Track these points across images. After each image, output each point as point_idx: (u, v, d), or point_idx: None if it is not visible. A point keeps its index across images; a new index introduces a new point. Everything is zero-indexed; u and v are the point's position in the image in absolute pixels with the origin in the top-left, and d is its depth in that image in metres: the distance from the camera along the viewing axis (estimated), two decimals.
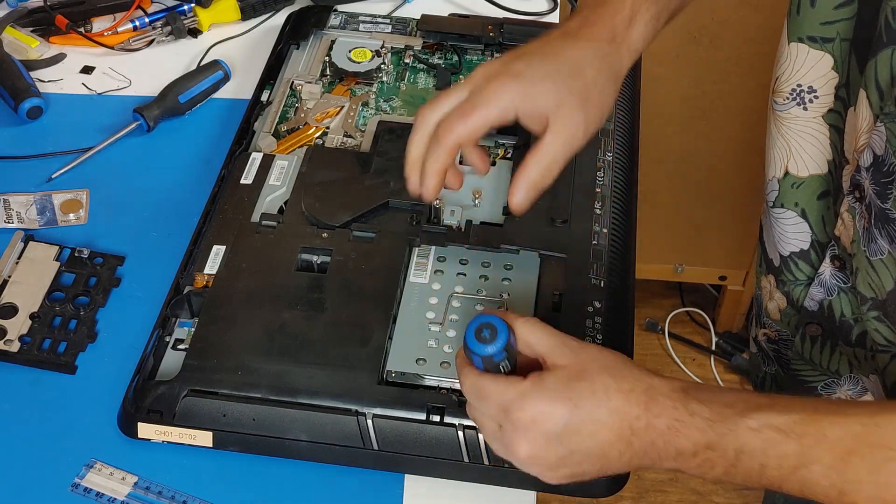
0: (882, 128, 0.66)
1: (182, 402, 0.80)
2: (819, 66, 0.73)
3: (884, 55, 0.65)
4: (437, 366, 0.82)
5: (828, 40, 0.71)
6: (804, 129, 0.76)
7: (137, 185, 1.04)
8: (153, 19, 1.24)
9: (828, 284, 0.80)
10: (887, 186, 0.67)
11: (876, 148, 0.67)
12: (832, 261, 0.79)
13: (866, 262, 0.73)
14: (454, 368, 0.81)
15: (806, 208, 0.80)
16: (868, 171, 0.69)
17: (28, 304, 0.91)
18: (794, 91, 0.75)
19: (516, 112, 0.72)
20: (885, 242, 0.70)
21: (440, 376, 0.82)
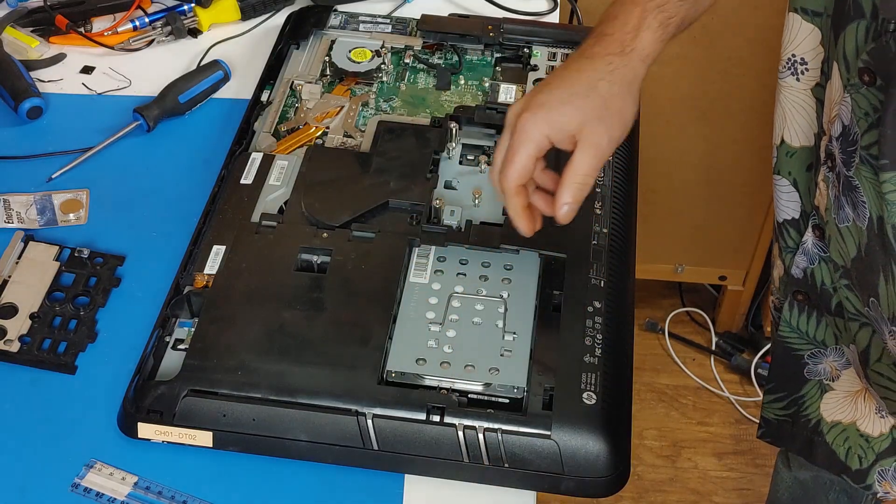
0: (848, 98, 0.69)
1: (182, 402, 0.80)
2: (809, 39, 0.76)
3: (850, 28, 0.68)
4: (437, 366, 0.82)
5: (817, 14, 0.74)
6: (797, 100, 0.80)
7: (137, 185, 1.04)
8: (153, 19, 1.24)
9: (810, 253, 0.83)
10: (851, 155, 0.71)
11: (844, 118, 0.71)
12: (813, 230, 0.82)
13: (836, 230, 0.77)
14: (454, 368, 0.81)
15: (797, 178, 0.83)
16: (838, 141, 0.73)
17: (28, 304, 0.91)
18: (790, 60, 0.78)
19: (549, 139, 0.78)
20: (850, 210, 0.73)
21: (440, 376, 0.82)
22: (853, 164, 0.71)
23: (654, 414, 1.92)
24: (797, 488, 1.19)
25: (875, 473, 0.88)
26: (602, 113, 0.78)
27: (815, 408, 0.90)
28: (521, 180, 0.80)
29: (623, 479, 0.80)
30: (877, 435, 0.87)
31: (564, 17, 1.36)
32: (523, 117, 0.78)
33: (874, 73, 0.66)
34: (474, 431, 0.79)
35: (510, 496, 0.80)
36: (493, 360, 0.83)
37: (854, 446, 0.89)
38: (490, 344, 0.84)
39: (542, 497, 0.81)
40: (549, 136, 0.78)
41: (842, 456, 0.90)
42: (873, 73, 0.67)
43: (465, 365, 0.82)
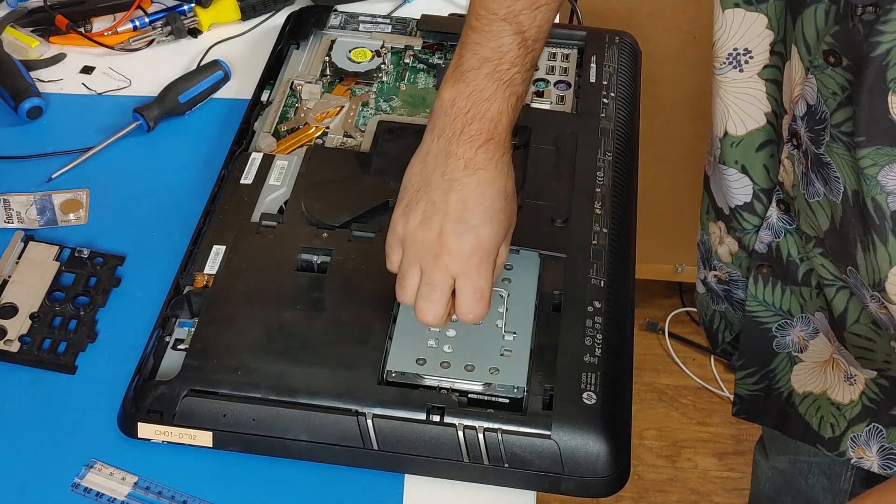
0: (813, 79, 0.71)
1: (182, 402, 0.80)
2: (754, 27, 0.76)
3: (808, 12, 0.69)
4: (437, 366, 0.82)
5: (762, 1, 0.75)
6: (740, 90, 0.81)
7: (137, 185, 1.04)
8: (153, 19, 1.24)
9: (775, 227, 0.84)
10: (820, 133, 0.72)
11: (809, 98, 0.72)
12: (778, 204, 0.83)
13: (805, 204, 0.78)
14: (454, 368, 0.81)
15: (745, 164, 0.84)
16: (803, 120, 0.74)
17: (28, 304, 0.91)
18: (731, 55, 0.79)
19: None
20: (821, 185, 0.75)
21: (440, 376, 0.82)
22: (823, 142, 0.73)
23: (654, 414, 1.92)
24: (777, 477, 1.20)
25: (847, 440, 0.88)
26: (510, 214, 0.82)
27: (787, 380, 0.91)
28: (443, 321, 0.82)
29: (623, 479, 0.80)
30: (847, 402, 0.88)
31: (564, 17, 1.36)
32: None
33: (840, 54, 0.67)
34: (474, 431, 0.79)
35: (510, 496, 0.80)
36: (494, 360, 0.83)
37: (826, 415, 0.89)
38: (490, 344, 0.84)
39: (542, 497, 0.81)
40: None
41: (815, 426, 0.90)
42: (839, 55, 0.68)
43: (465, 365, 0.82)
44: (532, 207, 0.94)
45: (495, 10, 0.81)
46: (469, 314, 0.79)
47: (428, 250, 0.79)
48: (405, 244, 0.80)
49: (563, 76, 1.12)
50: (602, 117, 1.05)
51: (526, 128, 1.03)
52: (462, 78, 0.81)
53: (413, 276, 0.79)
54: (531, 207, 0.94)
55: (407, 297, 0.80)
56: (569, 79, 1.12)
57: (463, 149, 0.80)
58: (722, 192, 0.90)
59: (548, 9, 0.82)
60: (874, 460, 0.88)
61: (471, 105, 0.80)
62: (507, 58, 0.81)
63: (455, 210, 0.79)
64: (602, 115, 1.05)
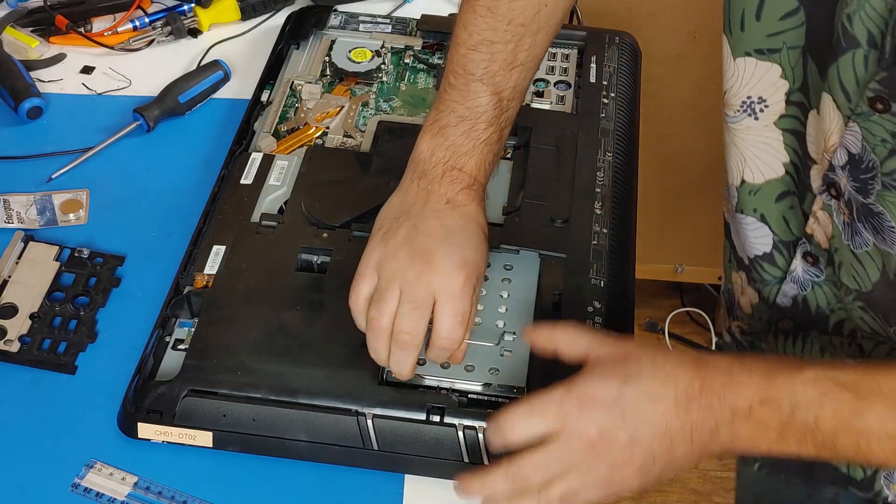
0: (856, 127, 0.68)
1: (182, 403, 0.80)
2: (768, 77, 0.74)
3: (844, 59, 0.67)
4: (437, 366, 0.82)
5: (774, 51, 0.73)
6: (757, 139, 0.78)
7: (137, 185, 1.04)
8: (153, 19, 1.24)
9: (801, 280, 0.82)
10: (868, 182, 0.69)
11: (851, 147, 0.69)
12: (804, 257, 0.80)
13: (850, 256, 0.74)
14: (454, 368, 0.81)
15: (764, 213, 0.82)
16: (844, 170, 0.71)
17: (28, 304, 0.91)
18: (745, 103, 0.77)
19: None
20: (870, 235, 0.72)
21: (440, 377, 0.82)
22: (873, 192, 0.70)
23: None
24: (758, 485, 1.17)
25: (881, 478, 0.86)
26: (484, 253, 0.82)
27: None
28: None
29: None
30: None
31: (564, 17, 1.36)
32: (472, 273, 0.78)
33: (888, 100, 0.65)
34: (474, 431, 0.79)
35: None
36: (494, 360, 0.83)
37: None
38: (490, 344, 0.84)
39: None
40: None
41: (843, 469, 0.88)
42: (887, 101, 0.65)
43: (465, 365, 0.82)
44: (532, 208, 0.94)
45: (472, 69, 0.82)
46: (447, 339, 0.77)
47: (410, 267, 0.77)
48: (382, 266, 0.78)
49: (563, 76, 1.12)
50: (602, 117, 1.05)
51: (526, 128, 1.03)
52: (440, 132, 0.83)
53: (392, 297, 0.77)
54: (531, 208, 0.94)
55: (384, 320, 0.77)
56: (569, 79, 1.12)
57: (444, 188, 0.81)
58: (741, 242, 0.87)
59: (523, 69, 0.83)
60: None
61: (450, 156, 0.82)
62: (483, 118, 0.82)
63: (439, 233, 0.78)
64: (602, 115, 1.05)
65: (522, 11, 0.81)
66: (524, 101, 1.08)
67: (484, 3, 0.81)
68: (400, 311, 0.77)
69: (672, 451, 0.68)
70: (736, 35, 0.74)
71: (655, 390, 0.67)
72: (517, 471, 0.69)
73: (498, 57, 0.82)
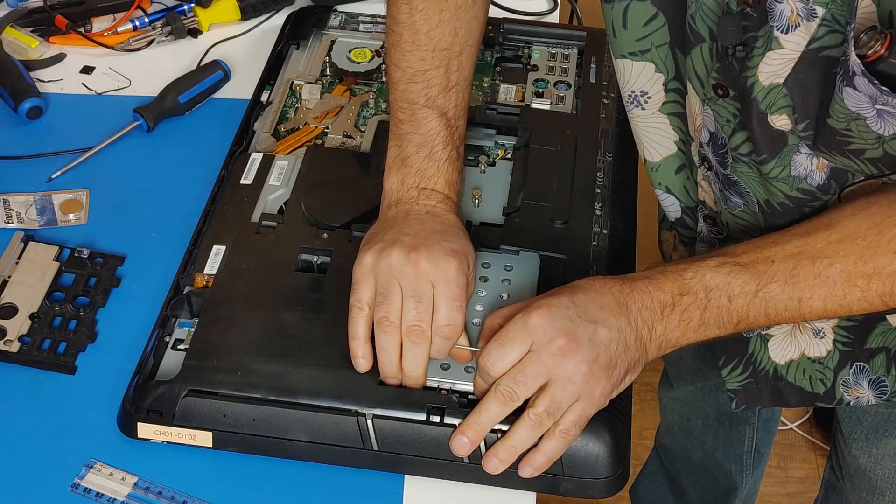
0: (709, 109, 0.78)
1: (182, 403, 0.80)
2: (644, 73, 0.83)
3: (696, 52, 0.77)
4: (436, 367, 0.82)
5: (645, 51, 0.82)
6: (647, 124, 0.87)
7: (137, 185, 1.04)
8: (153, 19, 1.24)
9: (708, 238, 0.91)
10: (724, 156, 0.81)
11: (709, 126, 0.80)
12: (705, 220, 0.90)
13: (731, 217, 0.85)
14: (454, 369, 0.81)
15: (668, 185, 0.91)
16: (709, 146, 0.82)
17: (28, 304, 0.91)
18: (631, 96, 0.86)
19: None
20: (738, 199, 0.83)
21: (440, 378, 0.82)
22: (728, 164, 0.81)
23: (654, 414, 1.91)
24: (682, 406, 1.31)
25: (840, 388, 0.93)
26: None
27: (767, 358, 0.95)
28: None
29: (623, 480, 0.80)
30: (825, 355, 0.92)
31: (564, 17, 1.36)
32: (463, 259, 0.82)
33: (726, 87, 0.76)
34: None
35: (510, 496, 0.80)
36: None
37: (813, 373, 0.94)
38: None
39: (542, 497, 0.81)
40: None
41: (807, 388, 0.95)
42: (725, 87, 0.76)
43: (465, 366, 0.82)
44: (532, 208, 0.94)
45: (414, 99, 0.88)
46: (447, 326, 0.79)
47: (405, 262, 0.80)
48: (378, 268, 0.81)
49: (563, 76, 1.12)
50: (602, 117, 1.05)
51: (526, 128, 1.03)
52: (405, 163, 0.88)
53: (396, 294, 0.80)
54: (531, 208, 0.94)
55: (393, 316, 0.79)
56: (569, 79, 1.12)
57: (423, 203, 0.87)
58: (664, 212, 0.96)
59: (459, 89, 0.90)
60: (868, 394, 0.93)
61: (419, 180, 0.88)
62: (439, 139, 0.88)
63: (426, 234, 0.82)
64: (602, 115, 1.05)
65: (442, 37, 0.88)
66: (524, 102, 1.08)
67: (407, 40, 0.88)
68: (405, 306, 0.79)
69: (628, 350, 0.76)
70: (611, 41, 0.83)
71: (597, 298, 0.76)
72: (504, 389, 0.75)
73: (434, 82, 0.88)
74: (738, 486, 1.37)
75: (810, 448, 1.93)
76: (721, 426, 1.29)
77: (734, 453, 1.32)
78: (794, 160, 0.76)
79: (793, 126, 0.74)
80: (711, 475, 1.37)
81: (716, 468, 1.35)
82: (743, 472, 1.35)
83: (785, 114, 0.73)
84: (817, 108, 0.72)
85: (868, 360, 0.91)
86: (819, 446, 1.92)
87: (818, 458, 1.92)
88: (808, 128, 0.73)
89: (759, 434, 1.31)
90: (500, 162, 1.01)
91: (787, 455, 1.93)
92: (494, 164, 1.01)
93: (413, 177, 0.88)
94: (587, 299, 0.76)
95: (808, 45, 0.69)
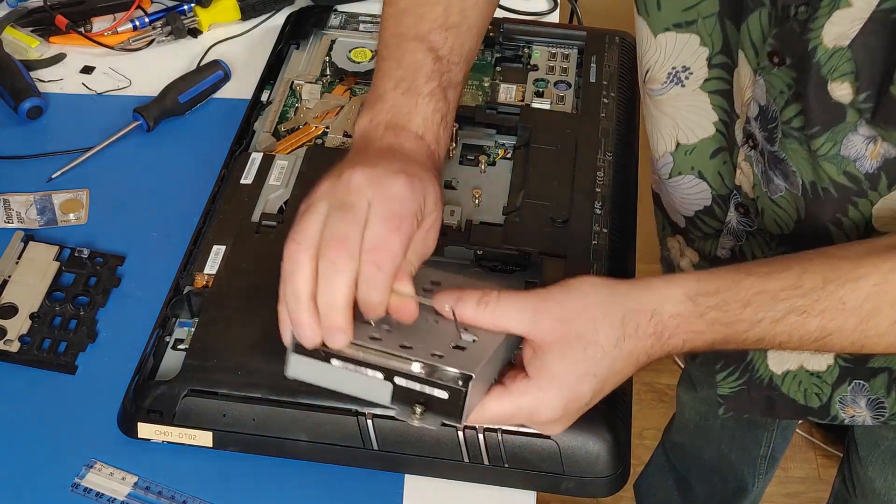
0: (761, 80, 0.75)
1: (182, 402, 0.80)
2: (688, 47, 0.80)
3: (753, 17, 0.73)
4: (364, 337, 0.68)
5: (691, 23, 0.78)
6: (685, 104, 0.83)
7: (137, 185, 1.04)
8: (153, 19, 1.24)
9: (736, 231, 0.87)
10: (773, 131, 0.76)
11: (759, 99, 0.76)
12: (737, 208, 0.85)
13: (769, 202, 0.81)
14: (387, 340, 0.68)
15: (702, 169, 0.86)
16: (756, 121, 0.77)
17: (28, 304, 0.91)
18: (670, 74, 0.82)
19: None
20: (781, 180, 0.79)
21: (366, 347, 0.67)
22: (776, 139, 0.76)
23: (654, 414, 1.92)
24: (702, 405, 1.27)
25: (836, 404, 0.91)
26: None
27: (765, 367, 0.93)
28: None
29: (623, 479, 0.80)
30: (825, 369, 0.90)
31: (564, 17, 1.36)
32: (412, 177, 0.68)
33: (783, 53, 0.72)
34: (474, 431, 0.79)
35: (510, 496, 0.80)
36: (440, 349, 0.67)
37: (809, 387, 0.92)
38: (441, 338, 0.68)
39: (542, 497, 0.81)
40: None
41: (801, 401, 0.92)
42: (782, 54, 0.72)
43: (399, 343, 0.67)
44: (532, 207, 0.94)
45: (403, 32, 0.78)
46: (378, 248, 0.64)
47: (336, 181, 0.66)
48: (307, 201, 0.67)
49: (563, 76, 1.12)
50: (602, 117, 1.05)
51: (526, 128, 1.03)
52: (379, 100, 0.76)
53: (316, 212, 0.65)
54: (531, 207, 0.94)
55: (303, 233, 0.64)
56: (569, 79, 1.12)
57: (387, 140, 0.73)
58: (675, 206, 0.92)
59: (458, 32, 0.79)
60: (865, 414, 0.91)
61: (391, 117, 0.74)
62: (422, 73, 0.76)
63: (374, 160, 0.69)
64: (602, 115, 1.05)
65: None
66: (524, 101, 1.08)
67: None
68: (328, 220, 0.64)
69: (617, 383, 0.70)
70: (653, 15, 0.80)
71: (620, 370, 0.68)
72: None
73: (429, 17, 0.78)
74: (749, 489, 1.35)
75: (810, 448, 1.93)
76: (739, 428, 1.27)
77: (749, 457, 1.31)
78: (847, 139, 0.72)
79: (853, 97, 0.69)
80: (722, 475, 1.35)
81: (728, 469, 1.33)
82: (756, 475, 1.33)
83: (847, 81, 0.69)
84: (881, 76, 0.67)
85: (869, 379, 0.89)
86: (819, 446, 1.93)
87: (818, 457, 1.92)
88: (869, 99, 0.69)
89: (776, 440, 1.29)
90: (500, 161, 1.01)
91: (788, 455, 1.92)
92: (494, 164, 1.01)
93: (384, 113, 0.74)
94: (608, 378, 0.67)
95: (878, 5, 0.65)
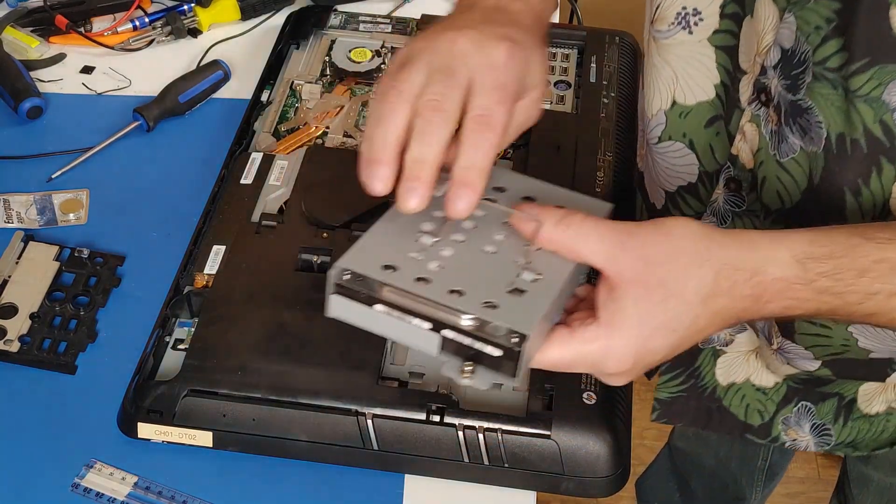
0: (791, 18, 0.66)
1: (182, 402, 0.80)
2: None
3: None
4: (409, 278, 0.64)
5: None
6: (690, 55, 0.75)
7: (137, 185, 1.04)
8: (153, 19, 1.24)
9: (721, 211, 0.78)
10: (798, 77, 0.67)
11: (784, 42, 0.67)
12: (727, 185, 0.77)
13: (776, 167, 0.72)
14: (435, 286, 0.63)
15: (693, 138, 0.78)
16: (776, 69, 0.69)
17: (28, 304, 0.91)
18: (679, 14, 0.73)
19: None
20: (797, 138, 0.70)
21: (412, 292, 0.63)
22: (802, 86, 0.68)
23: None
24: (693, 436, 1.24)
25: (779, 424, 0.86)
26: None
27: (711, 375, 0.88)
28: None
29: (623, 479, 0.80)
30: (772, 385, 0.86)
31: (564, 17, 1.36)
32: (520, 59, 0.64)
33: None
34: (474, 431, 0.79)
35: (510, 496, 0.80)
36: (494, 295, 0.62)
37: (752, 402, 0.87)
38: (497, 277, 0.63)
39: (542, 497, 0.81)
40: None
41: (741, 416, 0.88)
42: None
43: (449, 289, 0.63)
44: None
45: None
46: (482, 115, 0.61)
47: (438, 38, 0.63)
48: (406, 53, 0.64)
49: (563, 76, 1.12)
50: (602, 117, 1.05)
51: None
52: None
53: (417, 67, 0.62)
54: None
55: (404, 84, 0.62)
56: (569, 79, 1.12)
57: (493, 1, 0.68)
58: (658, 180, 0.84)
59: None
60: (808, 440, 0.86)
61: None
62: None
63: (478, 21, 0.65)
64: (602, 115, 1.05)
65: None
66: None
67: None
68: (429, 80, 0.62)
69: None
70: None
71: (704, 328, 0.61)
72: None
73: None
74: (748, 498, 1.33)
75: None
76: (735, 440, 1.21)
77: (747, 468, 1.28)
78: (893, 84, 0.63)
79: None
80: (722, 482, 1.33)
81: (727, 477, 1.31)
82: (754, 486, 1.31)
83: None
84: None
85: (817, 403, 0.84)
86: None
87: (818, 457, 1.92)
88: None
89: (773, 455, 1.27)
90: (500, 161, 1.01)
91: None
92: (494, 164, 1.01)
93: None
94: (688, 335, 0.60)
95: None
